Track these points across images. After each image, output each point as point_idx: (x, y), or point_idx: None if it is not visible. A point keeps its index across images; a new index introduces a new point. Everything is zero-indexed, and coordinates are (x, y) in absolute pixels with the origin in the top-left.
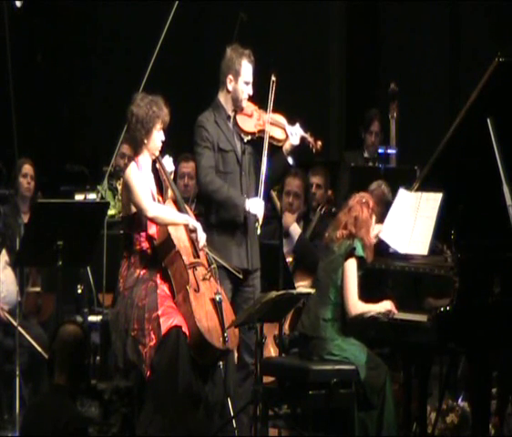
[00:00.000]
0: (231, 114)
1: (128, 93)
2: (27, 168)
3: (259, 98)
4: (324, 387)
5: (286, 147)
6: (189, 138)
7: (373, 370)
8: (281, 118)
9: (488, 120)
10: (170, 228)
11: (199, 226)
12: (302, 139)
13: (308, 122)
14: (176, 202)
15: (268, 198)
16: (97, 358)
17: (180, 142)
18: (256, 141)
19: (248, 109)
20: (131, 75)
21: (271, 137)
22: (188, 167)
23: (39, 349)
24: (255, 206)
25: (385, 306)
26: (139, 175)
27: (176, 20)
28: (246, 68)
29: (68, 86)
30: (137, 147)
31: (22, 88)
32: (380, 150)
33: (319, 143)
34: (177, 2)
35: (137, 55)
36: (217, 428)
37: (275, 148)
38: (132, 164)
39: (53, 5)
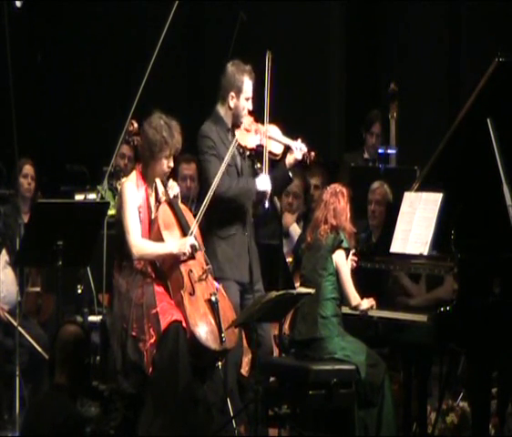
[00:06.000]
0: (230, 127)
1: (128, 93)
2: (28, 169)
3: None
4: (324, 387)
5: (290, 161)
6: (188, 138)
7: (373, 368)
8: (277, 132)
9: (488, 120)
10: (164, 232)
11: (184, 243)
12: (304, 154)
13: (308, 123)
14: (170, 205)
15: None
16: (97, 358)
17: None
18: (254, 156)
19: (246, 124)
20: (131, 75)
21: (269, 152)
22: (189, 169)
23: (39, 349)
24: (262, 183)
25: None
26: (134, 198)
27: (176, 20)
28: (247, 85)
29: (68, 86)
30: (143, 161)
31: (22, 88)
32: (380, 150)
33: (312, 154)
34: (177, 2)
35: (137, 55)
36: (217, 428)
37: (274, 162)
38: (130, 181)
39: (53, 5)
